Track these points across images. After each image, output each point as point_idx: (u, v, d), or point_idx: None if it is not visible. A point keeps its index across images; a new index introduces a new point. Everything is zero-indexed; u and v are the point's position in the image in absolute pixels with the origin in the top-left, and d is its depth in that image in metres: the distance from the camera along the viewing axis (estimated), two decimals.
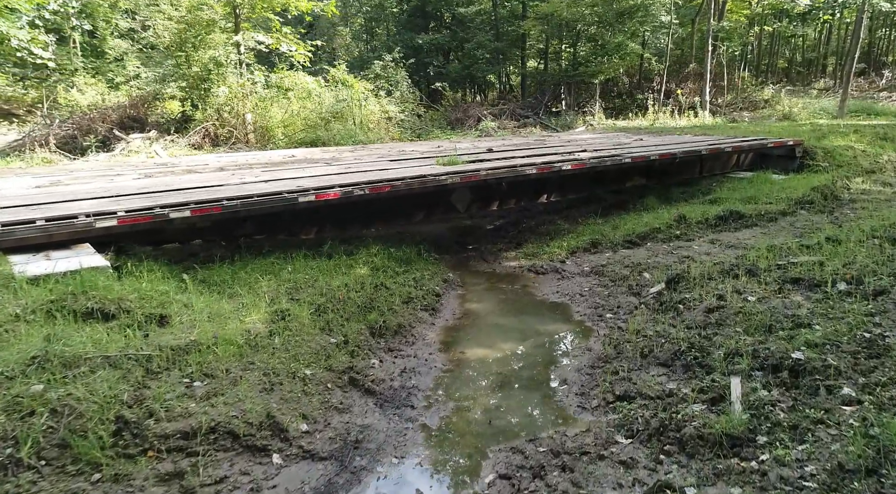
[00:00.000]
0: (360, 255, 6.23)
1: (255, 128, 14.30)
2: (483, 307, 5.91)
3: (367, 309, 5.09)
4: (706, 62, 22.38)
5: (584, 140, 11.90)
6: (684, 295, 5.21)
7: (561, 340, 5.09)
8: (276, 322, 4.48)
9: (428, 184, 6.48)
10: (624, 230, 7.79)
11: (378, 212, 6.94)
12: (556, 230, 8.24)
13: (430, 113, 22.69)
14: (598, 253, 7.32)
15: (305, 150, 11.17)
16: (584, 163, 7.89)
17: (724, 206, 8.27)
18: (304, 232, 6.45)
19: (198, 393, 3.39)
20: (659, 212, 8.53)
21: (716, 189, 9.60)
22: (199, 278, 5.13)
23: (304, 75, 15.83)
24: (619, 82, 26.57)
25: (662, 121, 21.33)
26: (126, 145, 13.16)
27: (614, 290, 5.99)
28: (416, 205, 7.23)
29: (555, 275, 6.80)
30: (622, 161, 8.31)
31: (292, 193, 5.57)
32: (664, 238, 7.46)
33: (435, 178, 6.55)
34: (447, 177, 6.65)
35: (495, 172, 7.05)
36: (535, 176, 7.48)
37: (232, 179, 6.58)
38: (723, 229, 7.68)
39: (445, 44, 23.76)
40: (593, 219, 8.48)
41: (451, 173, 6.75)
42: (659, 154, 8.80)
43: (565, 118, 22.42)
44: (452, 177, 6.69)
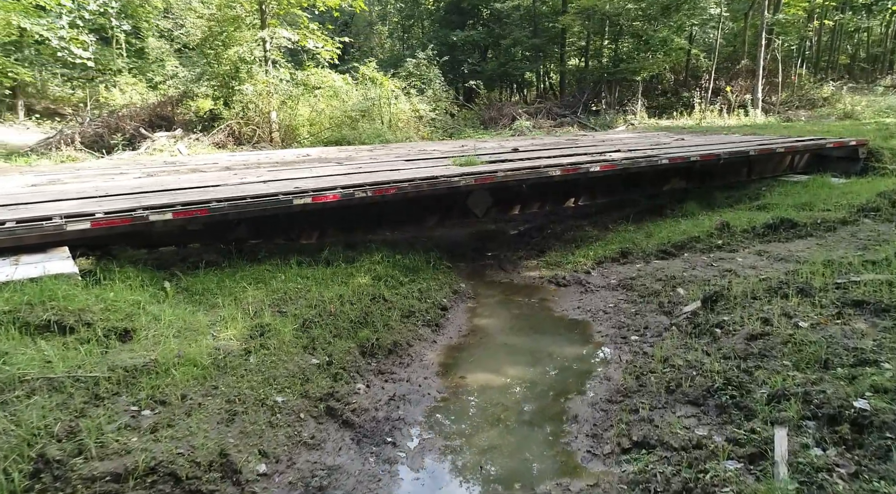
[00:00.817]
0: (363, 263, 5.79)
1: (280, 127, 14.11)
2: (494, 323, 5.38)
3: (361, 325, 4.63)
4: (759, 57, 21.13)
5: (620, 139, 11.17)
6: (723, 318, 4.54)
7: (576, 366, 4.50)
8: (255, 338, 4.08)
9: (438, 186, 5.99)
10: (658, 238, 7.10)
11: (387, 216, 6.49)
12: (584, 237, 7.61)
13: (463, 112, 22.21)
14: (627, 264, 6.67)
15: (322, 149, 10.86)
16: (614, 164, 7.24)
17: (775, 213, 7.47)
18: (305, 236, 6.06)
19: (144, 424, 3.00)
20: (699, 218, 7.79)
21: (765, 193, 8.76)
22: (183, 286, 4.78)
23: (331, 73, 15.56)
24: (663, 80, 25.47)
25: (709, 121, 20.21)
26: (151, 144, 13.17)
27: (643, 308, 5.36)
28: (428, 208, 6.75)
29: (577, 288, 6.19)
30: (658, 162, 7.62)
31: (287, 195, 5.17)
32: (704, 248, 6.74)
33: (447, 180, 6.06)
34: (460, 178, 6.14)
35: (515, 174, 6.50)
36: (560, 178, 6.88)
37: (232, 179, 6.25)
38: (772, 239, 6.90)
39: (481, 41, 23.20)
40: (625, 226, 7.81)
41: (464, 174, 6.24)
42: (700, 154, 8.05)
43: (605, 117, 21.56)
44: (466, 178, 6.17)
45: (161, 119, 14.46)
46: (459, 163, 7.18)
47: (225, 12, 14.13)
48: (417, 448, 3.41)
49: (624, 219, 8.25)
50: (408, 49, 23.98)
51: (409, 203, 6.41)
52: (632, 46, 22.42)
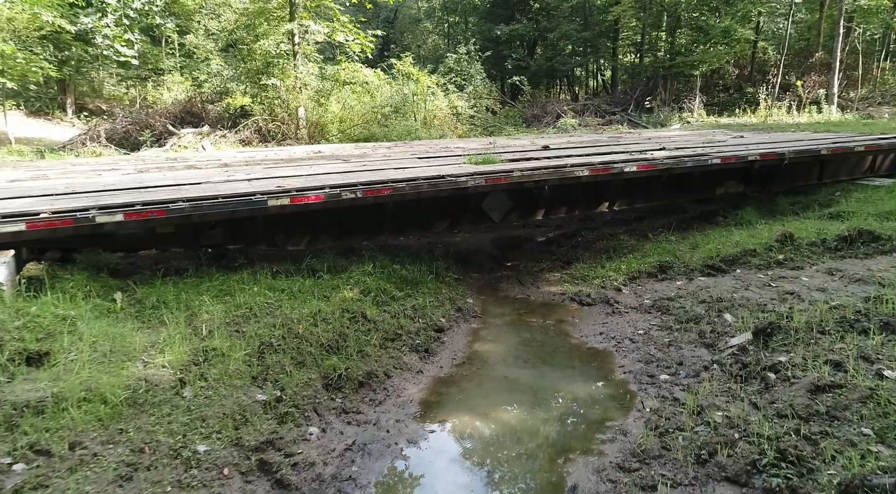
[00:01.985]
0: (352, 273, 5.12)
1: (309, 124, 13.71)
2: (497, 349, 4.59)
3: (331, 350, 3.96)
4: (836, 48, 19.28)
5: (669, 137, 10.10)
6: (779, 357, 3.61)
7: (587, 412, 3.67)
8: (196, 365, 3.46)
9: (442, 187, 5.25)
10: (705, 251, 6.12)
11: (389, 220, 5.81)
12: (617, 247, 6.69)
13: (505, 109, 21.36)
14: (666, 281, 5.74)
15: (338, 146, 10.32)
16: (654, 163, 6.30)
17: (851, 223, 6.33)
18: (292, 241, 5.45)
19: (8, 485, 2.41)
20: (757, 227, 6.72)
21: (839, 200, 7.56)
22: (137, 297, 4.24)
23: (362, 68, 15.07)
24: (725, 74, 23.76)
25: (776, 119, 18.57)
26: (177, 140, 13.02)
27: (679, 337, 4.45)
28: (436, 211, 6.03)
29: (603, 309, 5.33)
30: (708, 162, 6.61)
31: (262, 196, 4.56)
32: (760, 264, 5.72)
33: (452, 180, 5.32)
34: (468, 178, 5.38)
35: (533, 174, 5.69)
36: (588, 179, 6.02)
37: (218, 177, 5.72)
38: (846, 255, 5.80)
39: (526, 35, 22.26)
40: (666, 235, 6.84)
41: (474, 174, 5.48)
42: (760, 153, 6.97)
43: (658, 115, 20.22)
44: (475, 178, 5.41)
45: (192, 116, 14.34)
46: (475, 161, 6.42)
47: (258, 5, 13.86)
48: None
49: (667, 227, 7.26)
50: (452, 45, 23.29)
51: (413, 206, 5.71)
52: (690, 38, 20.94)
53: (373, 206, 5.51)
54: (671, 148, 7.71)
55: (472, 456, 3.25)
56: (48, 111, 21.42)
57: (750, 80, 23.36)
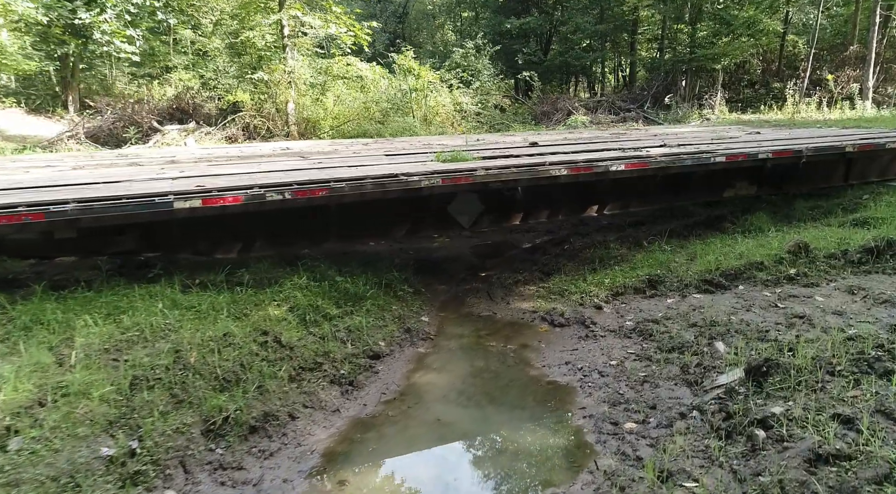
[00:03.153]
0: (283, 286, 4.46)
1: (298, 120, 13.16)
2: (440, 382, 3.90)
3: (226, 385, 3.31)
4: (871, 39, 18.07)
5: (676, 134, 9.26)
6: (772, 409, 2.86)
7: (526, 472, 2.96)
8: (41, 406, 2.85)
9: (390, 188, 4.57)
10: (704, 263, 5.33)
11: (336, 225, 5.15)
12: (605, 256, 5.93)
13: (515, 106, 20.57)
14: (655, 298, 4.97)
15: (311, 143, 9.73)
16: (645, 162, 5.52)
17: (879, 232, 5.47)
18: (222, 249, 4.82)
19: None
20: (768, 235, 5.90)
21: (867, 204, 6.67)
22: (11, 316, 3.64)
23: (357, 62, 14.47)
24: (750, 69, 22.62)
25: (805, 115, 17.45)
26: (161, 137, 12.59)
27: (658, 371, 3.70)
28: (393, 215, 5.35)
29: (577, 331, 4.59)
30: (711, 160, 5.81)
31: (165, 197, 3.94)
32: (768, 280, 4.92)
33: (403, 180, 4.63)
34: (422, 178, 4.69)
35: (502, 174, 4.97)
36: (568, 179, 5.27)
37: (143, 175, 5.14)
38: (872, 269, 4.96)
39: (538, 28, 21.40)
40: (661, 244, 6.05)
41: (431, 173, 4.78)
42: (773, 151, 6.14)
43: (676, 111, 19.22)
44: (431, 178, 4.72)
45: (181, 113, 13.91)
46: (443, 158, 5.73)
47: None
48: None
49: (666, 233, 6.47)
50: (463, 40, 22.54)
51: (363, 209, 5.05)
52: (711, 30, 19.87)
53: (315, 209, 4.85)
54: (673, 145, 6.91)
55: None
56: (50, 108, 21.30)
57: (778, 75, 22.18)
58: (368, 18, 26.87)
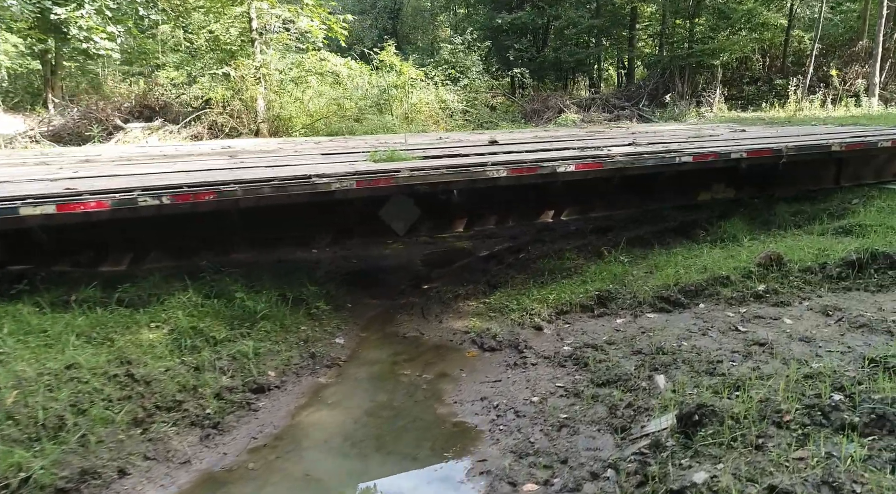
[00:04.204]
0: (168, 304, 3.92)
1: (269, 118, 12.65)
2: (329, 422, 3.34)
3: (44, 434, 2.76)
4: (878, 33, 17.34)
5: (657, 132, 8.66)
6: (694, 476, 2.29)
7: None
8: None
9: (293, 191, 4.03)
10: (663, 276, 4.74)
11: (247, 231, 4.61)
12: (557, 268, 5.36)
13: (506, 103, 19.98)
14: (603, 318, 4.40)
15: (258, 141, 9.27)
16: (599, 162, 4.94)
17: (863, 242, 4.87)
18: (110, 260, 4.29)
19: None
20: (741, 245, 5.30)
21: (856, 209, 6.05)
22: None
23: (332, 57, 13.94)
24: (752, 65, 21.88)
25: (808, 113, 16.76)
26: (123, 135, 12.12)
27: (582, 412, 3.14)
28: (314, 221, 4.80)
29: (508, 357, 4.03)
30: (675, 160, 5.22)
31: (12, 202, 3.41)
32: (733, 297, 4.34)
33: (311, 182, 4.08)
34: (334, 180, 4.14)
35: (430, 175, 4.41)
36: (509, 182, 4.71)
37: (34, 174, 4.62)
38: (852, 286, 4.37)
39: (530, 23, 20.76)
40: (621, 253, 5.46)
41: (345, 175, 4.23)
42: (748, 151, 5.54)
43: (673, 109, 18.58)
44: (344, 180, 4.16)
45: (148, 109, 13.44)
46: (377, 158, 5.18)
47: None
48: None
49: (630, 241, 5.89)
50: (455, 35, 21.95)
51: (281, 213, 4.51)
52: (710, 24, 19.18)
53: (218, 215, 4.31)
54: (643, 144, 6.32)
55: None
56: (28, 107, 20.91)
57: (782, 71, 21.45)
58: (359, 14, 26.49)
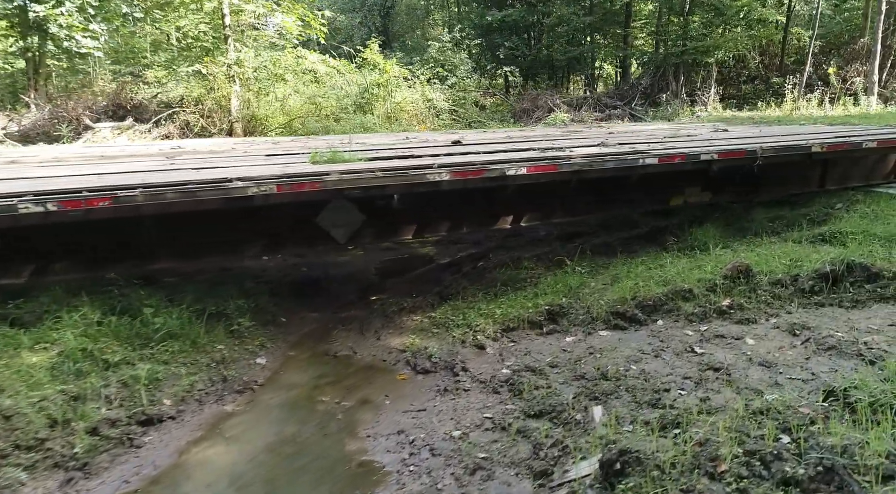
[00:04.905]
0: (64, 323, 3.56)
1: (243, 117, 12.31)
2: (222, 459, 2.97)
3: None
4: (876, 30, 16.92)
5: (634, 132, 8.29)
6: None
7: None
8: None
9: (203, 196, 3.65)
10: (622, 289, 4.36)
11: (165, 240, 4.24)
12: (512, 278, 4.99)
13: (496, 102, 19.59)
14: (553, 336, 4.03)
15: (215, 141, 8.94)
16: (553, 165, 4.56)
17: (841, 252, 4.48)
18: (10, 273, 3.92)
19: None
20: (711, 254, 4.91)
21: (838, 214, 5.66)
22: None
23: (309, 55, 13.59)
24: (748, 63, 21.46)
25: (806, 112, 16.34)
26: (92, 135, 11.79)
27: (505, 450, 2.77)
28: (242, 229, 4.43)
29: (441, 380, 3.67)
30: (639, 162, 4.84)
31: None
32: (694, 313, 3.97)
33: (224, 187, 3.71)
34: (251, 185, 3.76)
35: (361, 179, 4.04)
36: (454, 185, 4.33)
37: None
38: (825, 301, 3.99)
39: (519, 20, 20.35)
40: (581, 262, 5.09)
41: (263, 179, 3.86)
42: (719, 152, 5.16)
43: (667, 109, 18.18)
44: (263, 185, 3.79)
45: (120, 108, 13.10)
46: (318, 159, 4.81)
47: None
48: None
49: (595, 249, 5.52)
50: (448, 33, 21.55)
51: (202, 220, 4.15)
52: (704, 20, 18.76)
53: (133, 222, 3.95)
54: (613, 144, 5.94)
55: None
56: (10, 106, 20.59)
57: (781, 69, 21.02)
58: (349, 12, 26.10)
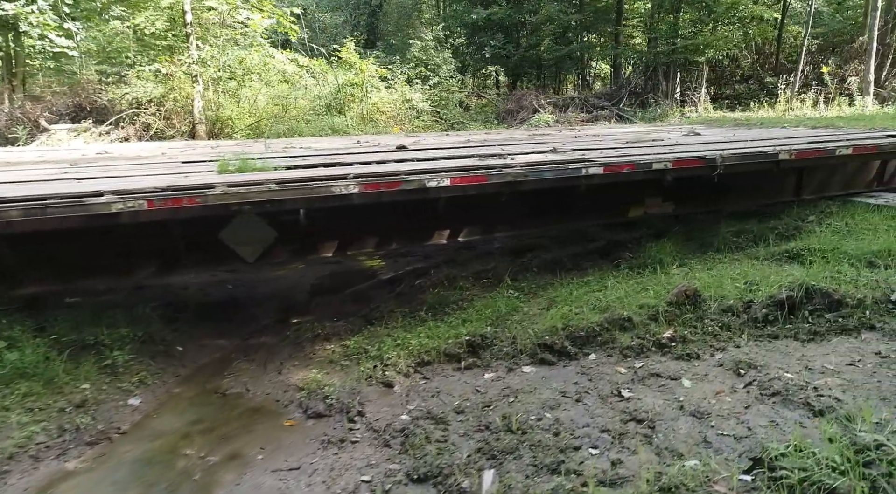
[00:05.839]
0: None
1: (207, 119, 11.86)
2: None
3: None
4: (872, 26, 16.42)
5: (599, 135, 7.82)
6: None
7: None
8: None
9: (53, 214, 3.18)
10: (553, 317, 3.88)
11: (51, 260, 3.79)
12: (443, 301, 4.52)
13: (480, 102, 19.12)
14: (471, 371, 3.56)
15: (151, 145, 8.51)
16: (482, 176, 4.08)
17: (803, 273, 3.98)
18: None
19: None
20: (655, 276, 4.42)
21: (809, 228, 5.17)
22: None
23: (276, 53, 13.13)
24: (741, 63, 20.97)
25: (800, 113, 15.84)
26: (47, 137, 11.35)
27: None
28: (128, 248, 3.97)
29: (331, 428, 3.20)
30: (581, 172, 4.36)
31: None
32: (631, 346, 3.49)
33: (85, 204, 3.24)
34: (117, 200, 3.29)
35: (251, 193, 3.56)
36: (363, 199, 3.86)
37: None
38: (780, 332, 3.50)
39: (506, 18, 19.86)
40: (510, 284, 4.60)
41: (126, 193, 3.39)
42: (674, 160, 4.68)
43: (656, 109, 17.70)
44: (131, 199, 3.32)
45: (80, 109, 12.66)
46: (225, 168, 4.36)
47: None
48: None
49: (543, 266, 5.05)
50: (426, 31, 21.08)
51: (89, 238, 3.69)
52: (693, 18, 18.26)
53: None
54: (565, 150, 5.46)
55: None
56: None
57: (775, 69, 20.52)
58: (332, 11, 25.62)
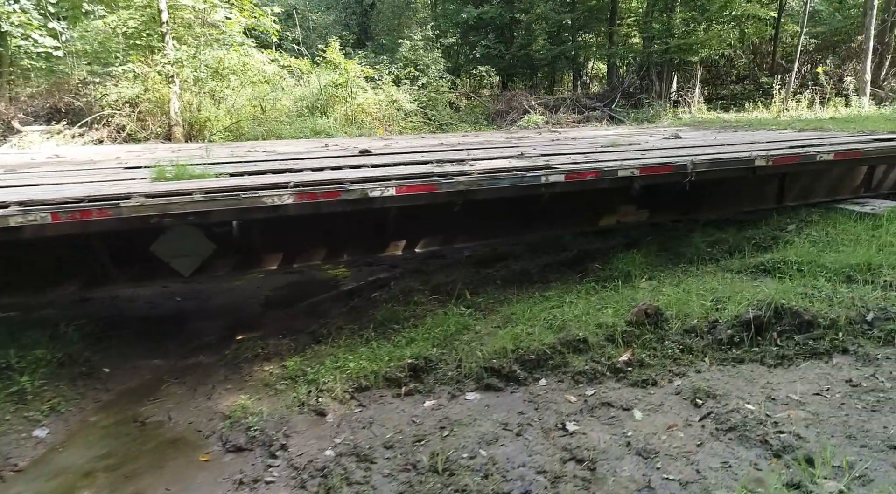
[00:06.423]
0: None
1: (184, 120, 11.60)
2: None
3: None
4: (868, 25, 16.14)
5: (575, 138, 7.56)
6: None
7: None
8: None
9: None
10: (504, 337, 3.60)
11: None
12: (389, 318, 4.24)
13: (471, 103, 18.85)
14: (411, 398, 3.30)
15: (119, 148, 8.17)
16: (432, 184, 3.81)
17: (775, 289, 3.70)
18: None
19: None
20: (617, 292, 4.14)
21: (789, 237, 4.88)
22: None
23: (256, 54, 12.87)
24: (736, 63, 20.70)
25: (795, 113, 15.56)
26: (18, 140, 11.09)
27: None
28: (51, 263, 3.71)
29: (249, 464, 2.93)
30: (541, 180, 4.08)
31: None
32: (584, 370, 3.22)
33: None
34: (16, 213, 3.03)
35: (172, 204, 3.29)
36: (299, 210, 3.59)
37: None
38: (744, 356, 3.23)
39: (497, 18, 19.58)
40: (461, 301, 4.33)
41: (33, 206, 3.12)
42: (641, 166, 4.40)
43: (648, 110, 17.43)
44: (32, 212, 3.05)
45: (55, 111, 12.40)
46: (160, 175, 4.09)
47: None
48: None
49: (508, 278, 4.77)
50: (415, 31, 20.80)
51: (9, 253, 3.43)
52: (686, 16, 17.97)
53: None
54: (533, 155, 5.19)
55: None
56: None
57: (772, 69, 20.23)
58: (323, 10, 25.33)
